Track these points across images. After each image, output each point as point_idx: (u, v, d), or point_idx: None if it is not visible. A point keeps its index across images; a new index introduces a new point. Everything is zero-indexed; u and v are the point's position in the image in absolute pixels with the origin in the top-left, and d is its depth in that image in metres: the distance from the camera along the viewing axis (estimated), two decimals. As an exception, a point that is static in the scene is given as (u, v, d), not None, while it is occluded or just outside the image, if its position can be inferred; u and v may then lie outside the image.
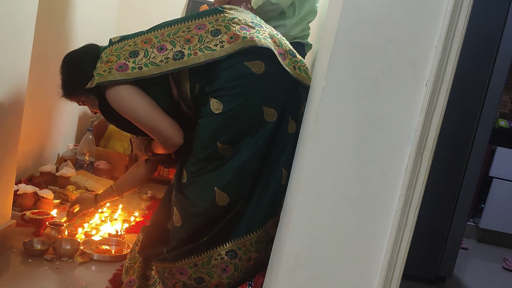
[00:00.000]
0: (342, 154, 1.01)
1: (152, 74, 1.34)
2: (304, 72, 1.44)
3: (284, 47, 1.44)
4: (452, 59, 0.96)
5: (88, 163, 2.74)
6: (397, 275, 1.02)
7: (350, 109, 1.00)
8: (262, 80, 1.36)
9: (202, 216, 1.39)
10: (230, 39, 1.34)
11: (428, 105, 0.97)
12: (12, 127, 1.68)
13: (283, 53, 1.41)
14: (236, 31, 1.35)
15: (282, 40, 1.45)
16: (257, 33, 1.38)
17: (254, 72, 1.34)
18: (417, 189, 1.00)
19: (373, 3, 0.97)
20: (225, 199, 1.37)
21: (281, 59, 1.39)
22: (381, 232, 1.02)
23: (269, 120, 1.37)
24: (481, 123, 2.30)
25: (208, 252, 1.41)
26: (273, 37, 1.42)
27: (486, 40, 2.25)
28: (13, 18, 1.56)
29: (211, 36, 1.36)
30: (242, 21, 1.39)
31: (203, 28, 1.38)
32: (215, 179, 1.37)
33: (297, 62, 1.44)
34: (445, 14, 0.95)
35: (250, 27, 1.39)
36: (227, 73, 1.34)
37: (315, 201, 1.02)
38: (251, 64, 1.34)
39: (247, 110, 1.35)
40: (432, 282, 2.48)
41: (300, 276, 1.05)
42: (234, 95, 1.34)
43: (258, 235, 1.41)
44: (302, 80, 1.43)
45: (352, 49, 0.98)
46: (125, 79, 1.34)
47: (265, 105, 1.36)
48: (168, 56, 1.35)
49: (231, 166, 1.36)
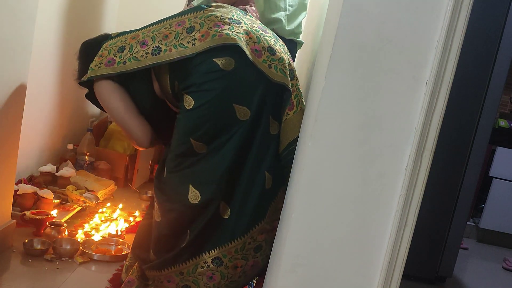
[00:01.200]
0: (342, 154, 1.01)
1: (133, 69, 1.39)
2: (280, 71, 1.40)
3: (263, 43, 1.39)
4: (452, 59, 0.96)
5: (88, 163, 2.74)
6: (397, 275, 1.02)
7: (350, 109, 1.00)
8: (232, 77, 1.35)
9: (176, 212, 1.39)
10: (202, 37, 1.35)
11: (428, 105, 0.97)
12: (12, 127, 1.68)
13: (259, 49, 1.38)
14: (208, 28, 1.36)
15: (262, 37, 1.41)
16: (229, 29, 1.36)
17: (222, 69, 1.34)
18: (417, 189, 1.00)
19: (373, 3, 0.97)
20: (197, 197, 1.35)
21: (255, 56, 1.36)
22: (381, 232, 1.02)
23: (242, 119, 1.36)
24: (481, 123, 2.30)
25: (194, 260, 1.39)
26: (250, 33, 1.39)
27: (486, 40, 2.25)
28: (13, 18, 1.56)
29: (186, 33, 1.37)
30: (219, 18, 1.39)
31: (181, 25, 1.39)
32: (190, 175, 1.37)
33: (274, 60, 1.40)
34: (445, 14, 0.95)
35: (224, 24, 1.37)
36: (198, 69, 1.35)
37: (315, 201, 1.02)
38: (219, 61, 1.34)
39: (217, 107, 1.35)
40: (432, 282, 2.48)
41: (300, 276, 1.05)
42: (204, 91, 1.35)
43: (243, 241, 1.39)
44: (277, 79, 1.39)
45: (352, 49, 0.98)
46: (110, 73, 1.40)
47: (236, 103, 1.35)
48: (147, 51, 1.38)
49: (205, 163, 1.36)
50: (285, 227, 1.14)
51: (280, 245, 1.18)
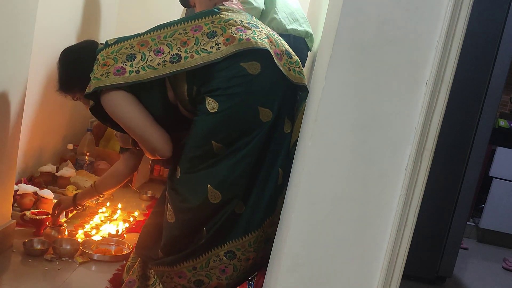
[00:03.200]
0: (342, 154, 1.01)
1: (149, 78, 1.34)
2: (298, 73, 1.44)
3: (281, 47, 1.43)
4: (452, 59, 0.96)
5: (88, 163, 2.74)
6: (397, 275, 1.02)
7: (350, 109, 1.00)
8: (258, 81, 1.36)
9: (193, 212, 1.39)
10: (226, 41, 1.34)
11: (428, 105, 0.97)
12: (12, 127, 1.68)
13: (280, 53, 1.42)
14: (232, 32, 1.35)
15: (278, 40, 1.45)
16: (253, 34, 1.38)
17: (250, 73, 1.35)
18: (417, 189, 1.00)
19: (373, 3, 0.97)
20: (217, 197, 1.36)
21: (277, 60, 1.39)
22: (381, 232, 1.02)
23: (264, 121, 1.37)
24: (481, 123, 2.30)
25: (207, 254, 1.40)
26: (270, 37, 1.42)
27: (486, 40, 2.25)
28: (13, 18, 1.56)
29: (207, 38, 1.36)
30: (238, 22, 1.39)
31: (199, 30, 1.38)
32: (209, 176, 1.37)
33: (292, 63, 1.44)
34: (445, 14, 0.95)
35: (246, 28, 1.39)
36: (223, 74, 1.35)
37: (315, 201, 1.02)
38: (247, 65, 1.35)
39: (242, 111, 1.35)
40: (432, 282, 2.48)
41: (300, 276, 1.05)
42: (230, 95, 1.34)
43: (256, 235, 1.40)
44: (296, 81, 1.43)
45: (352, 49, 0.98)
46: (123, 83, 1.34)
47: (261, 106, 1.37)
48: (165, 59, 1.34)
49: (225, 164, 1.36)
50: (285, 227, 1.14)
51: (280, 245, 1.18)
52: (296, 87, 1.44)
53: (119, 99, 1.37)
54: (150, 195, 2.77)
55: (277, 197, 1.42)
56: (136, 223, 2.31)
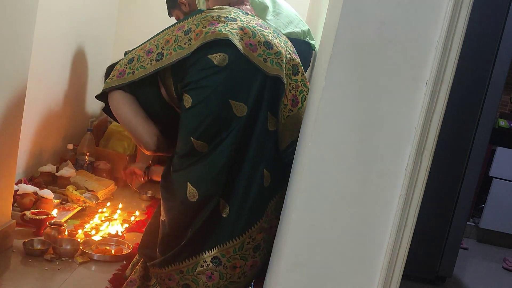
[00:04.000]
0: (342, 154, 1.01)
1: (140, 77, 1.42)
2: (276, 65, 1.39)
3: (258, 38, 1.40)
4: (452, 59, 0.96)
5: (88, 163, 2.74)
6: (397, 275, 1.02)
7: (350, 109, 1.00)
8: (226, 72, 1.35)
9: (177, 210, 1.40)
10: (196, 36, 1.36)
11: (428, 105, 0.97)
12: (12, 127, 1.68)
13: (254, 44, 1.38)
14: (203, 27, 1.37)
15: (259, 32, 1.42)
16: (223, 26, 1.37)
17: (216, 65, 1.34)
18: (417, 189, 1.00)
19: (373, 3, 0.97)
20: (195, 195, 1.36)
21: (249, 50, 1.37)
22: (381, 232, 1.02)
23: (239, 115, 1.36)
24: (481, 123, 2.30)
25: (194, 258, 1.40)
26: (246, 28, 1.40)
27: (486, 40, 2.25)
28: (13, 18, 1.56)
29: (183, 35, 1.39)
30: (214, 17, 1.40)
31: (181, 29, 1.42)
32: (189, 173, 1.38)
33: (270, 54, 1.39)
34: (445, 14, 0.95)
35: (219, 22, 1.39)
36: (194, 68, 1.37)
37: (315, 201, 1.02)
38: (213, 57, 1.35)
39: (214, 104, 1.35)
40: (432, 282, 2.48)
41: (300, 276, 1.05)
42: (200, 88, 1.36)
43: (241, 241, 1.38)
44: (272, 72, 1.39)
45: (352, 49, 0.98)
46: (121, 84, 1.44)
47: (232, 99, 1.36)
48: (152, 58, 1.41)
49: (203, 161, 1.37)
50: (285, 227, 1.14)
51: (280, 245, 1.18)
52: (277, 79, 1.40)
53: (116, 99, 1.48)
54: (150, 195, 2.77)
55: (266, 200, 1.41)
56: (136, 223, 2.31)
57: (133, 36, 3.34)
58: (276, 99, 1.42)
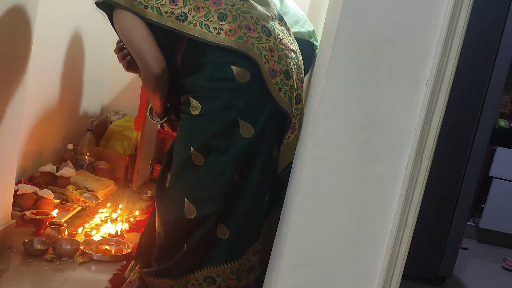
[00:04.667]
0: (342, 154, 1.01)
1: (151, 20, 1.30)
2: (288, 98, 1.36)
3: (282, 65, 1.35)
4: (452, 59, 0.96)
5: (88, 163, 2.74)
6: (397, 275, 1.02)
7: (350, 109, 1.00)
8: (243, 90, 1.31)
9: (172, 225, 1.38)
10: (229, 32, 1.29)
11: (428, 105, 0.97)
12: (12, 127, 1.68)
13: (277, 70, 1.33)
14: (239, 26, 1.30)
15: (284, 57, 1.36)
16: (256, 39, 1.31)
17: (236, 79, 1.30)
18: (417, 189, 1.00)
19: (373, 3, 0.97)
20: (192, 212, 1.33)
21: (269, 76, 1.32)
22: (381, 232, 1.02)
23: (245, 136, 1.32)
24: (481, 123, 2.30)
25: (185, 277, 1.38)
26: (274, 51, 1.34)
27: (486, 40, 2.24)
28: (13, 18, 1.56)
29: (216, 18, 1.30)
30: (254, 20, 1.32)
31: (217, 5, 1.31)
32: (186, 189, 1.34)
33: (286, 85, 1.35)
34: (445, 14, 0.95)
35: (255, 30, 1.32)
36: (210, 68, 1.31)
37: (315, 201, 1.02)
38: (236, 70, 1.30)
39: (222, 118, 1.31)
40: (432, 282, 2.47)
41: (300, 276, 1.05)
42: (212, 98, 1.30)
43: (239, 263, 1.38)
44: (283, 105, 1.35)
45: (352, 49, 0.98)
46: (127, 7, 1.30)
47: (242, 118, 1.31)
48: (173, 11, 1.30)
49: (200, 178, 1.33)
50: (285, 227, 1.14)
51: (280, 245, 1.18)
52: (283, 112, 1.36)
53: (126, 19, 1.33)
54: (150, 195, 2.77)
55: (262, 222, 1.41)
56: (136, 223, 2.31)
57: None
58: (282, 129, 1.40)
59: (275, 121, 1.37)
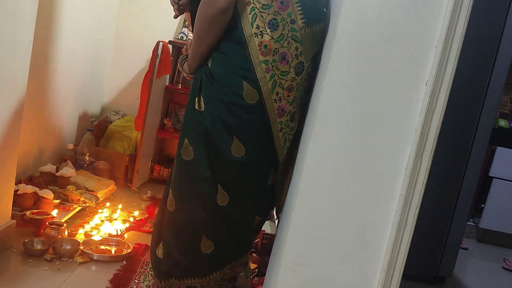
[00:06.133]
0: (342, 154, 1.01)
1: None
2: (283, 141, 1.28)
3: (292, 107, 1.26)
4: (452, 59, 0.96)
5: (88, 163, 2.74)
6: (397, 275, 1.02)
7: (350, 109, 1.00)
8: (247, 113, 1.23)
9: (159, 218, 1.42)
10: (263, 47, 1.19)
11: (428, 105, 0.97)
12: (12, 127, 1.68)
13: (286, 111, 1.25)
14: (275, 50, 1.19)
15: (296, 100, 1.27)
16: (281, 73, 1.21)
17: (243, 97, 1.22)
18: (417, 189, 1.00)
19: (373, 3, 0.97)
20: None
21: (275, 114, 1.24)
22: (381, 232, 1.02)
23: (235, 155, 1.25)
24: (481, 123, 2.30)
25: (170, 280, 1.37)
26: (292, 91, 1.24)
27: (486, 40, 2.24)
28: (13, 18, 1.56)
29: (267, 18, 1.19)
30: (297, 51, 1.21)
31: (282, 9, 1.19)
32: (173, 183, 1.34)
33: (287, 127, 1.28)
34: (445, 14, 0.95)
35: (286, 63, 1.21)
36: (229, 62, 1.22)
37: (315, 201, 1.02)
38: (247, 88, 1.21)
39: (216, 130, 1.24)
40: (432, 282, 2.48)
41: (300, 276, 1.05)
42: (213, 99, 1.24)
43: (223, 272, 1.38)
44: (277, 148, 1.28)
45: (352, 49, 0.98)
46: None
47: (237, 136, 1.24)
48: None
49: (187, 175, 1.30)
50: (285, 227, 1.14)
51: (280, 245, 1.18)
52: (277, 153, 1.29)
53: None
54: (150, 195, 2.77)
55: (251, 237, 1.42)
56: (136, 223, 2.31)
57: (133, 35, 3.35)
58: (275, 162, 1.32)
59: (273, 155, 1.30)
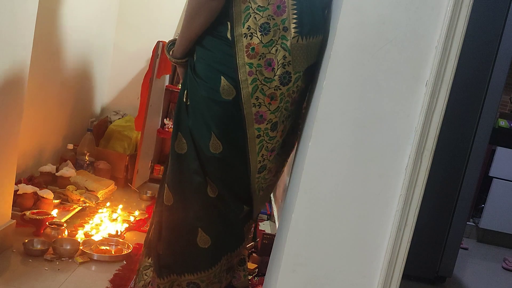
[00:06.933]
0: (342, 154, 1.01)
1: None
2: (259, 148, 1.27)
3: (274, 116, 1.23)
4: (452, 59, 0.96)
5: (88, 163, 2.74)
6: (397, 275, 1.02)
7: (350, 109, 1.00)
8: (220, 106, 1.22)
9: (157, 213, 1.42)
10: (250, 50, 1.16)
11: (428, 105, 0.97)
12: (12, 127, 1.68)
13: (265, 118, 1.23)
14: (262, 54, 1.16)
15: (284, 110, 1.24)
16: (264, 80, 1.18)
17: (220, 92, 1.21)
18: (417, 189, 1.00)
19: (373, 3, 0.97)
20: (169, 199, 1.34)
21: (253, 120, 1.23)
22: (381, 232, 1.02)
23: (212, 151, 1.26)
24: (481, 123, 2.30)
25: (170, 276, 1.38)
26: (275, 100, 1.21)
27: (486, 40, 2.24)
28: (13, 17, 1.56)
29: (259, 23, 1.15)
30: (285, 60, 1.17)
31: (278, 14, 1.15)
32: (167, 177, 1.36)
33: (267, 135, 1.25)
34: (445, 14, 0.95)
35: (271, 70, 1.17)
36: (212, 58, 1.21)
37: (315, 201, 1.02)
38: (224, 83, 1.20)
39: (198, 120, 1.24)
40: (432, 282, 2.47)
41: (300, 276, 1.05)
42: (197, 94, 1.24)
43: (220, 265, 1.40)
44: (250, 152, 1.27)
45: (352, 49, 0.98)
46: None
47: (214, 132, 1.24)
48: None
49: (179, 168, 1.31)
50: (285, 227, 1.14)
51: (280, 245, 1.18)
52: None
53: None
54: (150, 195, 2.77)
55: (243, 230, 1.43)
56: (136, 222, 2.31)
57: (133, 35, 3.35)
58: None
59: (241, 152, 1.28)
